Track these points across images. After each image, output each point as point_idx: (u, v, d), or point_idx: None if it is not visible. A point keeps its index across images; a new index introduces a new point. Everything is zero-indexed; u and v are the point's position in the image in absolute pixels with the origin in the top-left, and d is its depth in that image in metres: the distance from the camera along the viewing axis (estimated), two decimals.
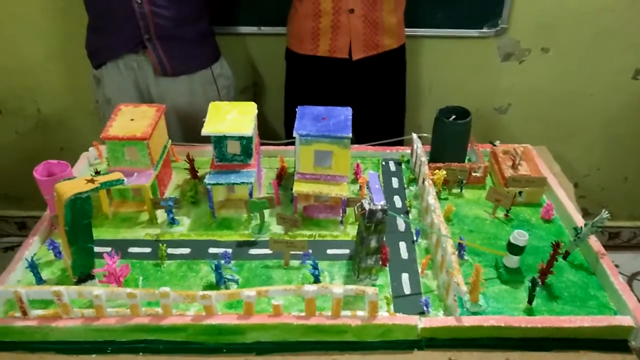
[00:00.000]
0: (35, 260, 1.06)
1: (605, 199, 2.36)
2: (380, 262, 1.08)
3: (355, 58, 1.60)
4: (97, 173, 1.28)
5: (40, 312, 0.98)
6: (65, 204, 0.94)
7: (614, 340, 0.98)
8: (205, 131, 1.19)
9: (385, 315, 0.98)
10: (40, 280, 1.07)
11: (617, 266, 1.09)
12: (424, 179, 1.27)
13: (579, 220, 1.20)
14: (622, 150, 2.24)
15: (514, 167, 1.36)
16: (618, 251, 2.45)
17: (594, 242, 1.13)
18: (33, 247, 1.15)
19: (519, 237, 1.06)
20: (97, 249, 1.06)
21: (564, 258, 1.14)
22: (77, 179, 0.99)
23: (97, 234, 1.15)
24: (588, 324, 0.96)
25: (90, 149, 1.43)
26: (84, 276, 1.04)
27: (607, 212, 1.07)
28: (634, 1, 1.89)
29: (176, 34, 1.56)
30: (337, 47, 1.59)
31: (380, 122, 1.73)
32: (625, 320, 0.97)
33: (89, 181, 0.98)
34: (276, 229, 1.23)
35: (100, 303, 0.95)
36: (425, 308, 1.01)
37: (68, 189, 0.95)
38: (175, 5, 1.52)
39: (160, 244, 1.13)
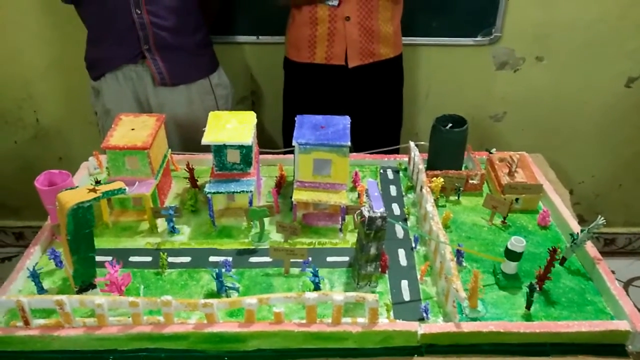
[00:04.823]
0: (36, 270, 1.06)
1: (600, 205, 2.38)
2: (380, 269, 1.09)
3: (352, 65, 1.63)
4: (98, 182, 1.30)
5: (42, 321, 0.98)
6: (68, 213, 0.95)
7: (612, 345, 0.99)
8: (205, 140, 1.20)
9: (385, 322, 0.99)
10: (41, 290, 1.08)
11: (613, 272, 1.10)
12: (421, 187, 1.28)
13: (575, 226, 1.21)
14: (616, 157, 2.26)
15: (511, 174, 1.38)
16: (614, 257, 2.46)
17: (590, 247, 1.15)
18: (34, 256, 1.15)
19: (517, 243, 1.08)
20: (98, 258, 1.07)
21: (561, 264, 1.16)
22: (79, 189, 1.00)
23: (98, 243, 1.15)
24: (586, 329, 0.97)
25: (90, 158, 1.44)
26: (85, 285, 1.05)
27: (602, 217, 1.09)
28: (625, 12, 1.92)
29: (175, 44, 1.58)
30: (334, 54, 1.61)
31: (376, 129, 1.76)
32: (622, 325, 0.98)
33: (90, 190, 0.99)
34: (276, 237, 1.23)
35: (102, 312, 0.95)
36: (424, 314, 1.02)
37: (70, 198, 0.96)
38: (174, 15, 1.54)
39: (161, 253, 1.14)
